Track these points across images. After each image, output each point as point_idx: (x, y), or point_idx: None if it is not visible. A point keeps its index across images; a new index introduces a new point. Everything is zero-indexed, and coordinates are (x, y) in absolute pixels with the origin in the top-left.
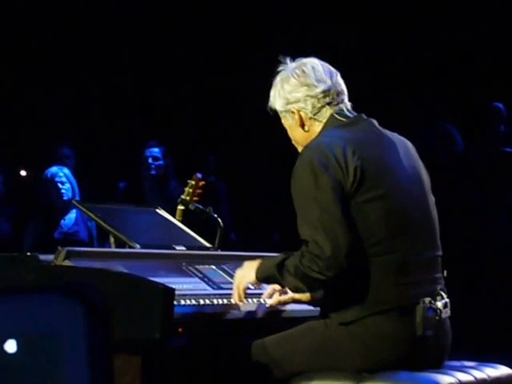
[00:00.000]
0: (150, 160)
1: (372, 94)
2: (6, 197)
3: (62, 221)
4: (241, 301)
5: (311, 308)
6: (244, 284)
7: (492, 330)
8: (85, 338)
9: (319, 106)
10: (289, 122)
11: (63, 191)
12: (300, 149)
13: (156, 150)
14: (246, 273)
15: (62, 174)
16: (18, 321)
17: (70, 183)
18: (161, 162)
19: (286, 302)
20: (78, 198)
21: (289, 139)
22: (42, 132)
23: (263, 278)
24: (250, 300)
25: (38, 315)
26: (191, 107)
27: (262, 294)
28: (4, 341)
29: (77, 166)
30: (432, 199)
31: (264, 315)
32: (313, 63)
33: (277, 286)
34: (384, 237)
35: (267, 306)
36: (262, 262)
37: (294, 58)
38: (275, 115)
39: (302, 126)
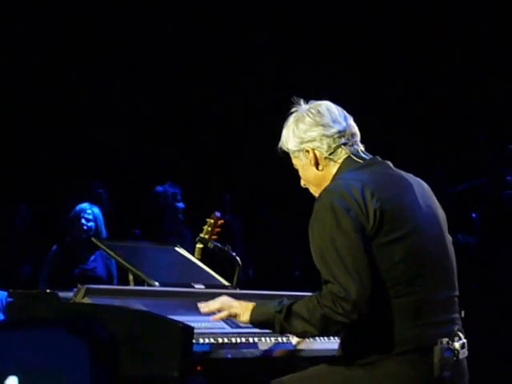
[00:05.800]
0: (177, 204)
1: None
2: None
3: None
4: (207, 310)
5: (329, 347)
6: (232, 314)
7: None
8: (88, 376)
9: (335, 146)
10: (302, 162)
11: (85, 227)
12: (312, 188)
13: (177, 191)
14: (241, 311)
15: (90, 211)
16: (19, 357)
17: (96, 223)
18: (182, 205)
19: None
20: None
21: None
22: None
23: (258, 322)
24: (267, 339)
25: (39, 351)
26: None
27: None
28: (5, 378)
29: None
30: (449, 238)
31: (282, 354)
32: (327, 105)
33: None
34: (403, 278)
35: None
36: (256, 306)
37: (307, 100)
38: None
39: (317, 165)
